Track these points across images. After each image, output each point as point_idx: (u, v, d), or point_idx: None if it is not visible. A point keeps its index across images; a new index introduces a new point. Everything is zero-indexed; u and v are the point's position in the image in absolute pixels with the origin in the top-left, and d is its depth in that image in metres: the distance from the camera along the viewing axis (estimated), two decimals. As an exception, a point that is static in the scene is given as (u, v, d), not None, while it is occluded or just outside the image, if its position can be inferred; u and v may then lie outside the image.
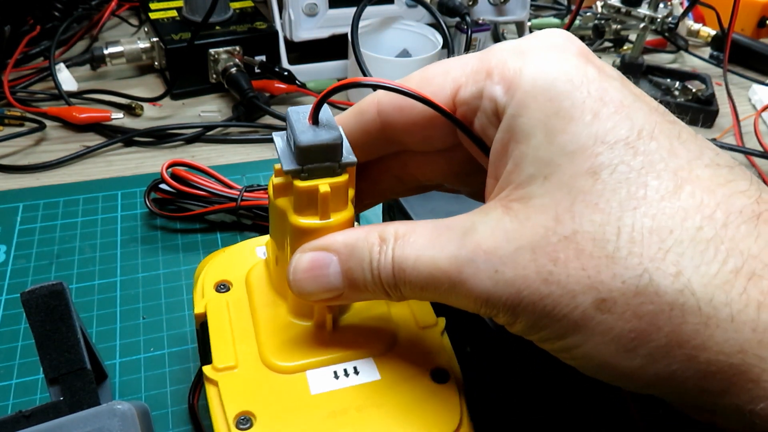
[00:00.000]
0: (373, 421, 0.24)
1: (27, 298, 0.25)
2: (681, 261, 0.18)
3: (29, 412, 0.23)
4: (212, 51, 0.57)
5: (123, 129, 0.54)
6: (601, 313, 0.19)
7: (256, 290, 0.29)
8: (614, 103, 0.21)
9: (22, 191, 0.47)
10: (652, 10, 0.61)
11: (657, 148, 0.20)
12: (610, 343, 0.19)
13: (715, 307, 0.18)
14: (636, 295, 0.19)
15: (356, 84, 0.24)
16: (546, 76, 0.21)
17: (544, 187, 0.20)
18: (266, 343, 0.27)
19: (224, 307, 0.29)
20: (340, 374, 0.26)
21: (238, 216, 0.44)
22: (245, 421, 0.24)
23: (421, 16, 0.63)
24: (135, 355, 0.35)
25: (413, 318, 0.29)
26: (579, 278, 0.19)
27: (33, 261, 0.41)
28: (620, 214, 0.19)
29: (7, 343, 0.36)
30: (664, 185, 0.19)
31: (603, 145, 0.20)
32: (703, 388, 0.19)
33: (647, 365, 0.19)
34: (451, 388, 0.26)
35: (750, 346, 0.18)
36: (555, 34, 0.23)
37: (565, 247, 0.19)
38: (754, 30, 0.75)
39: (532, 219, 0.20)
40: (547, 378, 0.28)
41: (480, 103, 0.23)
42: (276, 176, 0.25)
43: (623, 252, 0.19)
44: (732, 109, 0.62)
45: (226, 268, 0.31)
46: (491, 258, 0.20)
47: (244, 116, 0.56)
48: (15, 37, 0.60)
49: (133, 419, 0.23)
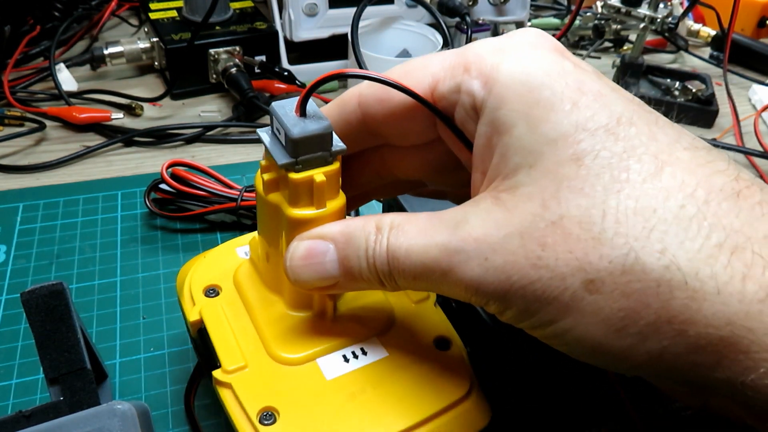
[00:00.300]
0: (392, 394, 0.25)
1: (27, 298, 0.25)
2: (665, 238, 0.19)
3: (29, 412, 0.23)
4: (212, 51, 0.57)
5: (123, 129, 0.54)
6: (590, 294, 0.19)
7: (248, 290, 0.29)
8: (592, 92, 0.21)
9: (22, 191, 0.47)
10: (652, 10, 0.61)
11: (637, 133, 0.20)
12: (601, 324, 0.19)
13: (701, 280, 0.18)
14: (623, 273, 0.19)
15: (341, 75, 0.24)
16: (524, 69, 0.22)
17: (530, 175, 0.21)
18: (270, 339, 0.27)
19: (219, 310, 0.29)
20: (349, 357, 0.27)
21: (238, 216, 0.44)
22: (269, 416, 0.25)
23: (421, 16, 0.63)
24: (135, 355, 0.35)
25: (406, 295, 0.30)
26: (567, 261, 0.19)
27: (33, 261, 0.41)
28: (605, 198, 0.19)
29: (7, 343, 0.36)
30: (646, 168, 0.20)
31: (584, 132, 0.20)
32: (695, 363, 0.19)
33: (638, 344, 0.19)
34: (456, 353, 0.27)
35: (738, 318, 0.18)
36: (530, 33, 0.24)
37: (552, 232, 0.20)
38: (754, 30, 0.75)
39: (519, 207, 0.21)
40: (543, 373, 0.28)
41: (458, 97, 0.24)
42: (264, 172, 0.26)
43: (609, 233, 0.19)
44: (732, 109, 0.62)
45: (210, 272, 0.31)
46: (481, 246, 0.21)
47: (244, 116, 0.56)
48: (15, 37, 0.60)
49: (133, 419, 0.23)
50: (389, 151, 0.28)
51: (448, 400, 0.25)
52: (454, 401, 0.25)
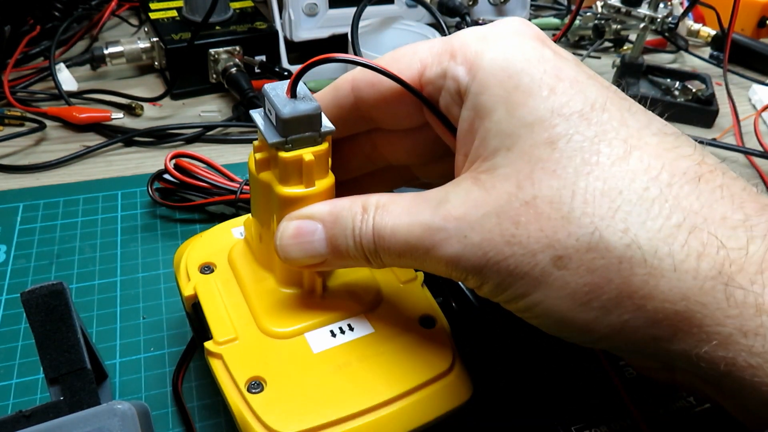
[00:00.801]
0: (376, 368, 0.26)
1: (27, 298, 0.25)
2: (628, 218, 0.20)
3: (29, 412, 0.23)
4: (212, 51, 0.57)
5: (123, 129, 0.54)
6: (557, 270, 0.20)
7: (241, 267, 0.30)
8: (569, 79, 0.22)
9: (22, 191, 0.47)
10: (652, 10, 0.61)
11: (609, 119, 0.21)
12: (567, 298, 0.21)
13: (659, 258, 0.19)
14: (588, 250, 0.20)
15: (330, 59, 0.25)
16: (506, 56, 0.23)
17: (507, 157, 0.22)
18: (261, 313, 0.28)
19: (213, 286, 0.30)
20: (336, 332, 0.28)
21: (237, 208, 0.45)
22: (256, 385, 0.26)
23: (421, 16, 0.63)
24: (135, 355, 0.35)
25: (394, 275, 0.31)
26: (538, 238, 0.21)
27: (33, 261, 0.41)
28: (575, 179, 0.21)
29: (7, 343, 0.36)
30: (615, 152, 0.21)
31: (559, 117, 0.21)
32: (653, 336, 0.20)
33: (601, 317, 0.20)
34: (440, 331, 0.28)
35: (692, 293, 0.19)
36: (514, 22, 0.25)
37: (525, 211, 0.21)
38: (754, 30, 0.75)
39: (497, 187, 0.22)
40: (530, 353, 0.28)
41: (444, 82, 0.25)
42: (256, 152, 0.26)
43: (577, 213, 0.20)
44: (732, 109, 0.62)
45: (206, 251, 0.32)
46: (461, 224, 0.22)
47: (244, 116, 0.56)
48: (15, 37, 0.60)
49: (133, 419, 0.23)
50: (380, 136, 0.29)
51: (430, 374, 0.26)
52: (437, 375, 0.26)
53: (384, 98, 0.26)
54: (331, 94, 0.27)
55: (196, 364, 0.35)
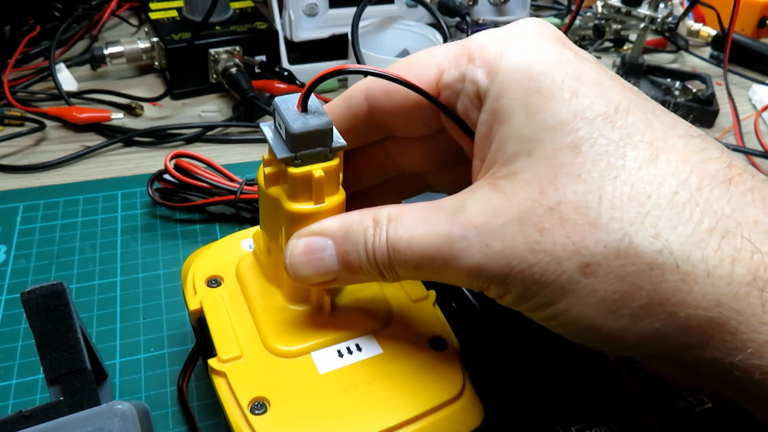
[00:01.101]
0: (383, 391, 0.26)
1: (27, 298, 0.25)
2: (659, 223, 0.19)
3: (29, 412, 0.23)
4: (212, 51, 0.57)
5: (123, 129, 0.54)
6: (585, 277, 0.20)
7: (249, 282, 0.30)
8: (591, 81, 0.22)
9: (22, 191, 0.47)
10: (653, 10, 0.61)
11: (633, 121, 0.21)
12: (595, 305, 0.20)
13: (692, 264, 0.19)
14: (617, 257, 0.19)
15: (343, 71, 0.24)
16: (525, 58, 0.22)
17: (528, 162, 0.21)
18: (267, 330, 0.27)
19: (219, 300, 0.29)
20: (344, 352, 0.27)
21: (237, 208, 0.45)
22: (259, 406, 0.25)
23: (421, 16, 0.63)
24: (135, 355, 0.35)
25: (405, 293, 0.30)
26: (564, 245, 0.20)
27: (33, 261, 0.41)
28: (601, 184, 0.20)
29: (7, 343, 0.36)
30: (641, 155, 0.20)
31: (582, 121, 0.21)
32: (685, 344, 0.19)
33: (631, 325, 0.20)
34: (450, 354, 0.27)
35: (726, 300, 0.19)
36: (532, 22, 0.25)
37: (550, 217, 0.20)
38: (754, 30, 0.75)
39: (518, 193, 0.21)
40: (544, 373, 0.28)
41: (462, 86, 0.24)
42: (266, 166, 0.26)
43: (605, 218, 0.20)
44: (732, 109, 0.62)
45: (214, 263, 0.31)
46: (481, 233, 0.21)
47: (245, 116, 0.56)
48: (15, 37, 0.59)
49: (133, 419, 0.23)
50: (394, 143, 0.28)
51: (439, 399, 0.26)
52: (446, 400, 0.26)
53: (400, 106, 0.26)
54: (344, 104, 0.27)
55: (198, 365, 0.35)
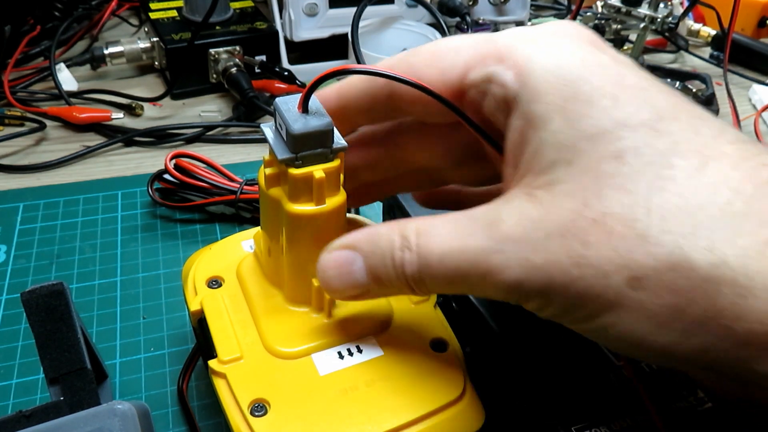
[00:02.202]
0: (384, 393, 0.26)
1: (27, 298, 0.25)
2: (712, 235, 0.18)
3: (29, 412, 0.23)
4: (212, 51, 0.57)
5: (123, 129, 0.54)
6: (633, 291, 0.19)
7: (250, 283, 0.30)
8: (632, 87, 0.21)
9: (23, 191, 0.47)
10: (653, 10, 0.61)
11: (680, 128, 0.20)
12: (645, 320, 0.19)
13: (750, 277, 0.18)
14: (669, 270, 0.19)
15: (346, 71, 0.24)
16: (559, 61, 0.21)
17: (568, 172, 0.20)
18: (268, 332, 0.27)
19: (220, 301, 0.29)
20: (344, 354, 0.27)
21: (237, 208, 0.45)
22: (260, 408, 0.25)
23: (421, 16, 0.63)
24: (135, 355, 0.35)
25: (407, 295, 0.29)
26: (611, 258, 0.19)
27: (33, 261, 0.41)
28: (648, 195, 0.19)
29: (7, 343, 0.36)
30: (690, 163, 0.19)
31: (626, 129, 0.20)
32: (740, 357, 0.19)
33: (683, 339, 0.19)
34: (451, 356, 0.27)
35: None
36: (565, 24, 0.24)
37: (595, 230, 0.19)
38: (754, 30, 0.75)
39: (558, 205, 0.20)
40: (549, 375, 0.28)
41: (488, 87, 0.23)
42: (266, 167, 0.26)
43: (654, 230, 0.19)
44: (732, 109, 0.62)
45: (215, 264, 0.31)
46: (520, 246, 0.20)
47: (245, 116, 0.56)
48: (15, 37, 0.59)
49: (133, 419, 0.23)
50: (413, 137, 0.28)
51: (440, 401, 0.25)
52: (447, 403, 0.25)
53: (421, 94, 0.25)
54: (365, 84, 0.26)
55: (198, 365, 0.35)
